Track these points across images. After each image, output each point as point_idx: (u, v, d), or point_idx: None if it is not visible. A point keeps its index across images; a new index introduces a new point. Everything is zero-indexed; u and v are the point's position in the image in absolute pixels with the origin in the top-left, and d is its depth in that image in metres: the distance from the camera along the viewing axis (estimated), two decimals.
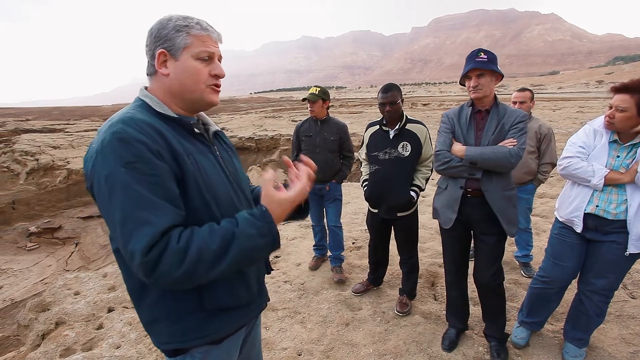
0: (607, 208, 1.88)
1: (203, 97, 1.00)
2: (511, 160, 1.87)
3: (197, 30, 0.96)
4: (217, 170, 1.02)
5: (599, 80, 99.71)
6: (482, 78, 1.91)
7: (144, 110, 0.94)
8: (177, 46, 0.94)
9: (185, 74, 0.96)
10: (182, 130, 0.97)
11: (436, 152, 2.14)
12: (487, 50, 1.92)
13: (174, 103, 1.00)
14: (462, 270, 2.30)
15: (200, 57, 0.97)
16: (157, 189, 0.82)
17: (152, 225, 0.79)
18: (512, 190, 2.03)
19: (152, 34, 0.95)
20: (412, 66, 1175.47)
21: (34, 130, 20.53)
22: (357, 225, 4.69)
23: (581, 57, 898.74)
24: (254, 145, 16.06)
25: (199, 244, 0.82)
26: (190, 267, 0.80)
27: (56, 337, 2.59)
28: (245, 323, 1.13)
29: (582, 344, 2.14)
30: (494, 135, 1.96)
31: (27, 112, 35.43)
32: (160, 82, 0.98)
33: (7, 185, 13.10)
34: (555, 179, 6.14)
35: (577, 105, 22.91)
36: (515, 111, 1.98)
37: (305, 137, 3.21)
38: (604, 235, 1.94)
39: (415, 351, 2.29)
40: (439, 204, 2.21)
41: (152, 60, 0.97)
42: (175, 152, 0.89)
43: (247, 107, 41.08)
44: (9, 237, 11.05)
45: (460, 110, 2.11)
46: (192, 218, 0.90)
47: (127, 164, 0.80)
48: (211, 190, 0.96)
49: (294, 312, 2.80)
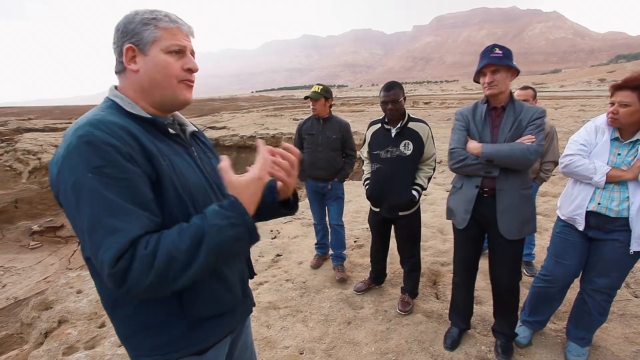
0: (609, 206, 1.87)
1: (176, 94, 0.95)
2: (530, 157, 1.82)
3: (165, 22, 0.92)
4: (194, 171, 0.97)
5: (601, 79, 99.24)
6: (497, 74, 1.86)
7: (114, 111, 0.89)
8: (146, 40, 0.89)
9: (155, 68, 0.91)
10: (156, 131, 0.92)
11: (451, 150, 2.08)
12: (502, 46, 1.88)
13: (146, 101, 0.95)
14: (472, 271, 2.27)
15: (171, 51, 0.92)
16: (128, 194, 0.78)
17: (121, 234, 0.74)
18: (529, 189, 1.98)
19: (119, 29, 0.91)
20: (413, 64, 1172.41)
21: (36, 129, 20.56)
22: (359, 223, 4.69)
23: (583, 56, 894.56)
24: (256, 144, 16.04)
25: (168, 246, 0.77)
26: (161, 272, 0.75)
27: (59, 336, 2.60)
28: (231, 330, 1.08)
29: (585, 343, 2.13)
30: (510, 132, 1.91)
31: (29, 111, 35.52)
32: (130, 80, 0.93)
33: (9, 184, 13.13)
34: (557, 178, 6.11)
35: (579, 103, 22.79)
36: (532, 107, 1.93)
37: (308, 135, 3.21)
38: (606, 234, 1.93)
39: (418, 350, 2.29)
40: (454, 204, 2.16)
41: (120, 57, 0.92)
42: (149, 153, 0.84)
43: (249, 105, 41.07)
44: (11, 236, 11.10)
45: (474, 108, 2.07)
46: (170, 221, 0.85)
47: (95, 169, 0.75)
48: (188, 192, 0.91)
49: (296, 311, 2.80)
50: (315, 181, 3.24)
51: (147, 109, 0.95)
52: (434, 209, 5.15)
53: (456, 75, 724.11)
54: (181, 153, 0.96)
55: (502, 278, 2.10)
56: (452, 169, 2.10)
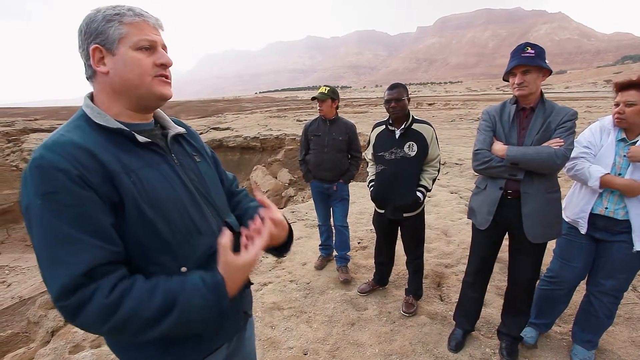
0: (616, 209, 1.87)
1: (152, 90, 0.88)
2: (557, 161, 1.74)
3: (130, 17, 0.85)
4: (169, 184, 0.88)
5: (607, 80, 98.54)
6: (527, 75, 1.78)
7: (82, 123, 0.83)
8: (112, 38, 0.83)
9: (125, 67, 0.84)
10: (127, 141, 0.85)
11: (475, 151, 2.01)
12: (535, 44, 1.79)
13: (122, 104, 0.88)
14: (487, 272, 2.24)
15: (140, 47, 0.85)
16: (78, 222, 0.72)
17: (67, 266, 0.70)
18: (555, 193, 1.91)
19: (82, 31, 0.84)
20: (417, 66, 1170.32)
21: (42, 130, 20.76)
22: (363, 225, 4.69)
23: (589, 57, 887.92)
24: (259, 145, 16.11)
25: (133, 306, 0.72)
26: (117, 328, 0.72)
27: (65, 334, 2.63)
28: (223, 343, 1.01)
29: (591, 346, 2.12)
30: (538, 135, 1.83)
31: (36, 111, 35.88)
32: (101, 83, 0.86)
33: (15, 184, 13.27)
34: (562, 180, 6.08)
35: (585, 105, 22.66)
36: (563, 109, 1.84)
37: (314, 136, 3.21)
38: (613, 236, 1.92)
39: (421, 352, 2.29)
40: (476, 204, 2.11)
41: (87, 61, 0.85)
42: (109, 173, 0.78)
43: (252, 106, 41.19)
44: (17, 235, 11.22)
45: (502, 108, 1.99)
46: (134, 245, 0.81)
47: (44, 196, 0.71)
48: (158, 209, 0.83)
49: (300, 312, 2.80)
50: (321, 182, 3.24)
51: (122, 113, 0.89)
52: (438, 210, 5.13)
53: (460, 77, 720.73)
54: (155, 164, 0.88)
55: (520, 279, 2.07)
56: (476, 170, 2.05)
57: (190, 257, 0.89)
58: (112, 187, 0.78)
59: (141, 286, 0.76)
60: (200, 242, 0.91)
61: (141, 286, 0.76)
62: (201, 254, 0.91)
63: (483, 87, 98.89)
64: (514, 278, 2.12)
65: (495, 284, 2.97)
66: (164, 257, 0.85)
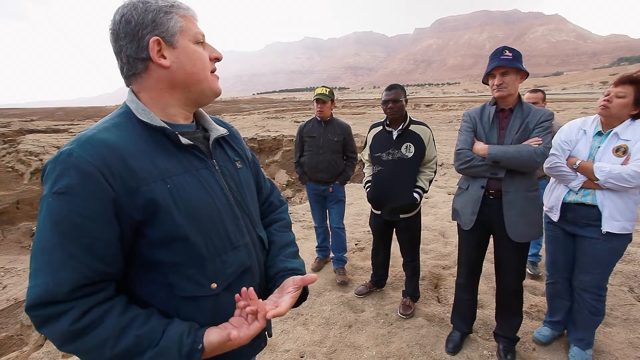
0: (585, 194, 1.96)
1: (210, 86, 0.86)
2: (537, 159, 1.81)
3: (184, 10, 0.82)
4: (208, 193, 0.83)
5: (603, 81, 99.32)
6: (506, 76, 1.86)
7: (124, 120, 0.79)
8: (172, 31, 0.79)
9: (190, 62, 0.81)
10: (168, 142, 0.80)
11: (457, 151, 2.08)
12: (512, 48, 1.87)
13: (175, 99, 0.84)
14: (476, 273, 2.26)
15: (198, 40, 0.83)
16: (77, 233, 0.67)
17: (51, 278, 0.66)
18: (535, 192, 1.98)
19: (131, 22, 0.76)
20: (415, 67, 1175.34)
21: (38, 131, 20.65)
22: (360, 226, 4.67)
23: (585, 58, 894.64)
24: (257, 146, 16.07)
25: (96, 341, 0.68)
26: (77, 352, 0.70)
27: None
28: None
29: (585, 345, 2.13)
30: (517, 134, 1.91)
31: (32, 112, 35.71)
32: (154, 78, 0.80)
33: (11, 185, 13.18)
34: None
35: (582, 106, 22.75)
36: (540, 110, 1.93)
37: (309, 137, 3.20)
38: (581, 228, 1.99)
39: (419, 354, 2.27)
40: (459, 205, 2.16)
41: (140, 54, 0.78)
42: (137, 181, 0.72)
43: (250, 107, 41.17)
44: (13, 237, 11.13)
45: (482, 109, 2.07)
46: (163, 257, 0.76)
47: (55, 194, 0.67)
48: (194, 220, 0.78)
49: (297, 314, 2.78)
50: (317, 184, 3.23)
51: (170, 111, 0.84)
52: (435, 211, 5.13)
53: (457, 78, 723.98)
54: (195, 169, 0.83)
55: (506, 280, 2.10)
56: (458, 169, 2.11)
57: (222, 274, 0.84)
58: (137, 197, 0.72)
59: (113, 322, 0.70)
60: (232, 258, 0.87)
61: (113, 322, 0.70)
62: (233, 271, 0.87)
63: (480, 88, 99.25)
64: (501, 280, 2.14)
65: (492, 285, 2.96)
66: (193, 271, 0.80)
